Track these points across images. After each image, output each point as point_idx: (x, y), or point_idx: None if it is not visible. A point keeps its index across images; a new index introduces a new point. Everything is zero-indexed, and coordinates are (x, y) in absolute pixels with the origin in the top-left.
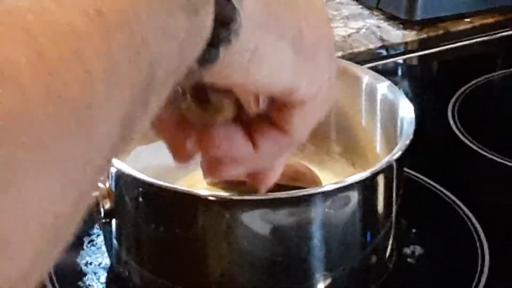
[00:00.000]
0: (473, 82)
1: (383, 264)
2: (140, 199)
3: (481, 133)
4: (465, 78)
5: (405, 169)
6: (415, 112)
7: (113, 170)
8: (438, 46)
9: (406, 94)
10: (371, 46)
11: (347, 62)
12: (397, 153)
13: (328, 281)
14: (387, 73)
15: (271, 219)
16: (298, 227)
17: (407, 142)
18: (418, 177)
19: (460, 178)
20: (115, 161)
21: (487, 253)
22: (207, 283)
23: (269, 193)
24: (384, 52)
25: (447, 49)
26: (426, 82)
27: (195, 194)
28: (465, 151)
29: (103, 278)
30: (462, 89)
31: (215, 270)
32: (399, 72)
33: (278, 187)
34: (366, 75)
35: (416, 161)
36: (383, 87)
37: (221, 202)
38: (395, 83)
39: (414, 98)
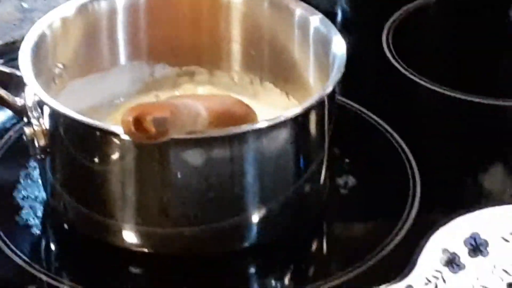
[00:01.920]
0: (407, 6)
1: (317, 195)
2: (71, 136)
3: (416, 59)
4: (400, 2)
5: (339, 97)
6: (349, 38)
7: (46, 108)
8: None
9: (342, 19)
10: None
11: None
12: (328, 88)
13: (262, 213)
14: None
15: (204, 156)
16: (231, 164)
17: (338, 76)
18: (352, 106)
19: (393, 106)
20: (47, 99)
21: (418, 183)
22: (140, 218)
23: (201, 132)
24: None
25: None
26: (361, 6)
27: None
28: (399, 79)
29: (39, 212)
30: (397, 13)
31: (149, 206)
32: None
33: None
34: (298, 8)
35: (350, 89)
36: (316, 20)
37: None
38: (330, 7)
39: (348, 24)
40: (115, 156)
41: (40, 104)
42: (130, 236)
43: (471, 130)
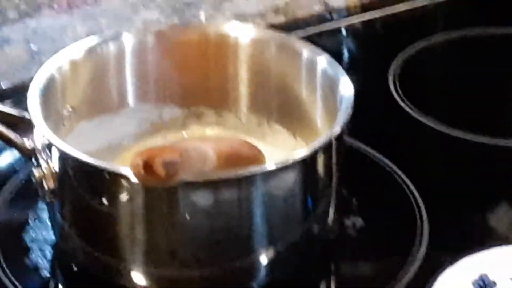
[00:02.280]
0: (414, 46)
1: (324, 236)
2: (80, 178)
3: (422, 99)
4: (406, 42)
5: (346, 137)
6: (356, 78)
7: (54, 150)
8: (380, 9)
9: (349, 60)
10: (314, 11)
11: (287, 36)
12: (335, 129)
13: (271, 253)
14: (330, 37)
15: (213, 198)
16: (240, 205)
17: (346, 118)
18: (359, 146)
19: (400, 146)
20: (56, 141)
21: (426, 223)
22: (150, 260)
23: (210, 174)
24: (327, 16)
25: (389, 13)
26: (368, 46)
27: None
28: (406, 119)
29: (48, 254)
30: (403, 53)
31: (158, 248)
32: (342, 37)
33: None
34: (305, 49)
35: (357, 129)
36: (323, 61)
37: None
38: (337, 48)
39: (355, 63)
40: (124, 198)
41: (49, 146)
42: (139, 278)
43: (478, 170)
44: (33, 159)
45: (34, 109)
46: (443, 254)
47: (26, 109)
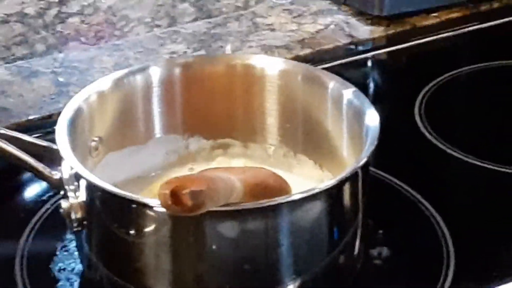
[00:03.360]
0: (440, 78)
1: (350, 266)
2: (107, 209)
3: (448, 131)
4: (432, 74)
5: (372, 168)
6: (382, 109)
7: (82, 181)
8: (406, 42)
9: (374, 91)
10: (340, 43)
11: (313, 68)
12: (362, 160)
13: (297, 284)
14: (356, 69)
15: (239, 228)
16: (266, 235)
17: (372, 149)
18: (385, 177)
19: (426, 177)
20: (84, 172)
21: (452, 253)
22: None
23: (236, 204)
24: (352, 48)
25: (414, 45)
26: (394, 78)
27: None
28: (432, 150)
29: (76, 284)
30: (429, 85)
31: (185, 278)
32: (368, 68)
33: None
34: (332, 81)
35: (383, 160)
36: (349, 93)
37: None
38: (363, 79)
39: (381, 94)
40: (151, 228)
41: (77, 177)
42: None
43: (504, 200)
44: (60, 190)
45: (62, 141)
46: (469, 284)
47: (54, 141)
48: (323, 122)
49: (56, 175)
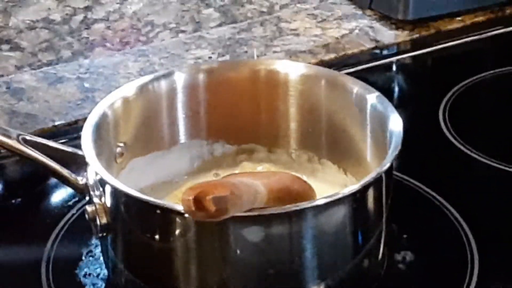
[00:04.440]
0: (464, 82)
1: (375, 271)
2: (132, 214)
3: (472, 135)
4: (457, 78)
5: (396, 173)
6: (406, 114)
7: (107, 186)
8: (431, 46)
9: (399, 96)
10: (364, 48)
11: (338, 73)
12: (385, 165)
13: None
14: (380, 74)
15: (263, 233)
16: (290, 240)
17: (395, 153)
18: (409, 181)
19: (450, 181)
20: (109, 178)
21: (476, 259)
22: None
23: (260, 209)
24: (377, 53)
25: (439, 49)
26: (419, 82)
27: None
28: (456, 154)
29: None
30: (454, 89)
31: (209, 283)
32: (392, 73)
33: None
34: (356, 86)
35: (407, 164)
36: (373, 98)
37: None
38: (388, 84)
39: (406, 99)
40: (175, 233)
41: (102, 183)
42: None
43: None
44: (86, 196)
45: (87, 146)
46: None
47: (79, 147)
48: (347, 127)
49: (81, 180)
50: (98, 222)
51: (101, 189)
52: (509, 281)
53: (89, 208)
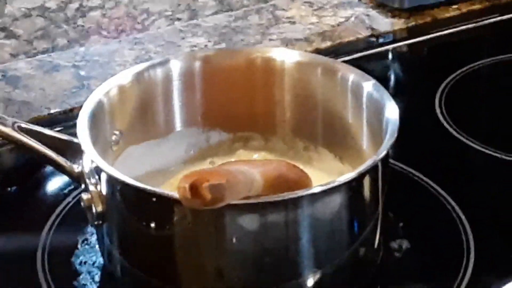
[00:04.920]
0: (461, 70)
1: (371, 259)
2: (128, 202)
3: (469, 123)
4: (453, 66)
5: (392, 161)
6: (402, 102)
7: (103, 174)
8: (427, 34)
9: (395, 84)
10: (360, 36)
11: (333, 61)
12: (382, 153)
13: (317, 277)
14: (376, 62)
15: (259, 221)
16: (286, 228)
17: (391, 141)
18: (405, 169)
19: (446, 169)
20: (105, 166)
21: (472, 246)
22: (197, 282)
23: (256, 197)
24: (373, 41)
25: (435, 37)
26: (415, 70)
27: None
28: (452, 142)
29: (97, 277)
30: (450, 77)
31: (205, 270)
32: (388, 61)
33: None
34: (352, 74)
35: (403, 153)
36: (369, 85)
37: None
38: (384, 72)
39: (402, 87)
40: (171, 221)
41: (97, 171)
42: None
43: None
44: (81, 184)
45: (83, 134)
46: (489, 277)
47: (75, 135)
48: (343, 115)
49: (77, 168)
50: (93, 210)
51: (96, 177)
52: (504, 270)
53: (84, 196)
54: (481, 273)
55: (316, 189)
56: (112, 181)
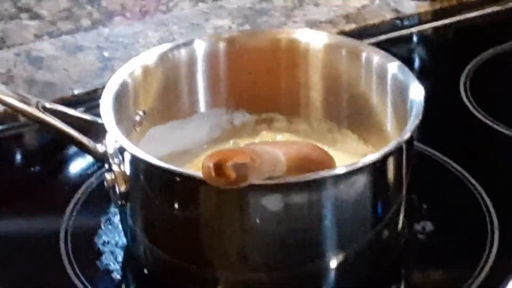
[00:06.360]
0: (486, 53)
1: (394, 241)
2: (151, 182)
3: (494, 106)
4: (478, 49)
5: (416, 143)
6: (427, 84)
7: (127, 154)
8: (452, 16)
9: (420, 66)
10: (385, 18)
11: (358, 42)
12: (406, 135)
13: (340, 258)
14: (401, 44)
15: (283, 202)
16: (310, 209)
17: (416, 123)
18: (429, 151)
19: (471, 152)
20: (128, 146)
21: (496, 228)
22: (220, 263)
23: (280, 178)
24: (398, 23)
25: (461, 19)
26: (440, 53)
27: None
28: (477, 125)
29: (120, 258)
30: (475, 60)
31: (229, 251)
32: (413, 44)
33: None
34: (377, 55)
35: (428, 135)
36: (393, 67)
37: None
38: (409, 55)
39: (427, 69)
40: (195, 201)
41: (121, 151)
42: (208, 281)
43: None
44: (105, 164)
45: (106, 114)
46: None
47: (98, 115)
48: (368, 96)
49: (100, 148)
50: (117, 190)
51: (120, 157)
52: None
53: (108, 176)
54: (505, 255)
55: (339, 170)
56: (136, 161)
